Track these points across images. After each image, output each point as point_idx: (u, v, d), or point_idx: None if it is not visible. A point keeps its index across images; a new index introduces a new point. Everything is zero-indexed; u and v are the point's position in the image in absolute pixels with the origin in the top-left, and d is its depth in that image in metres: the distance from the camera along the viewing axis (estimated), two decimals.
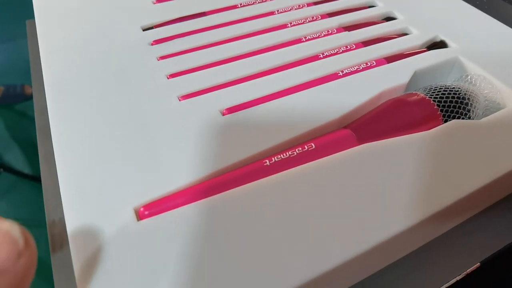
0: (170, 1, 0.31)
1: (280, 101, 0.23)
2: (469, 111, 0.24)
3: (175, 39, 0.27)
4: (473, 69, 0.27)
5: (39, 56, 0.26)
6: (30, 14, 0.31)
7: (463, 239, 0.21)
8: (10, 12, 1.38)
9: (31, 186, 1.00)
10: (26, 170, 1.01)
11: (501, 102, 0.25)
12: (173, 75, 0.25)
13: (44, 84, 0.24)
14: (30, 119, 1.17)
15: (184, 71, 0.25)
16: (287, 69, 0.25)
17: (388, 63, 0.26)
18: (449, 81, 0.28)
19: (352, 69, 0.25)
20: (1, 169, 0.97)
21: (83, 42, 0.27)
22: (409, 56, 0.27)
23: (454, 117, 0.24)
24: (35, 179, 0.98)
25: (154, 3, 0.31)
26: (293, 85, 0.24)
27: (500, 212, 0.22)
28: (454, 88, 0.25)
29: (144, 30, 0.28)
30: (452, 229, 0.21)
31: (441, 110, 0.24)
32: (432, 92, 0.24)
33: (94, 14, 0.30)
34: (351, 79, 0.25)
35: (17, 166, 1.02)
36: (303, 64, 0.26)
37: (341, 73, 0.25)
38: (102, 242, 0.16)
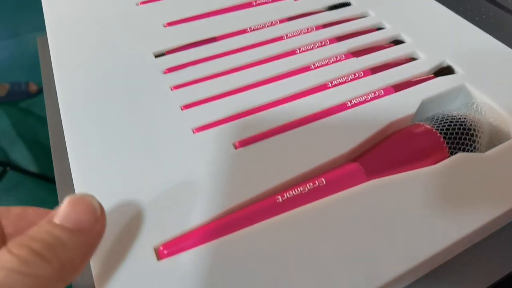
0: (180, 24, 0.32)
1: (290, 133, 0.24)
2: (474, 141, 0.25)
3: (188, 67, 0.28)
4: (479, 96, 0.27)
5: (52, 74, 0.27)
6: (32, 11, 0.31)
7: (467, 267, 0.21)
8: (13, 7, 1.38)
9: (37, 184, 1.02)
10: (32, 167, 1.03)
11: (506, 130, 0.26)
12: (186, 106, 0.25)
13: (60, 107, 0.25)
14: (35, 116, 1.18)
15: (197, 101, 0.26)
16: (297, 99, 0.26)
17: (396, 91, 0.27)
18: (455, 107, 0.28)
19: (361, 99, 0.26)
20: (8, 167, 0.98)
21: (96, 66, 0.28)
22: (416, 84, 0.27)
23: (460, 148, 0.25)
24: (42, 177, 0.99)
25: (165, 26, 0.31)
26: (303, 116, 0.25)
27: (505, 239, 0.23)
28: (460, 118, 0.25)
29: (156, 56, 0.29)
30: (456, 256, 0.22)
31: (447, 142, 0.24)
32: (439, 124, 0.25)
33: (106, 35, 0.30)
34: (360, 110, 0.25)
35: (23, 164, 1.03)
36: (312, 94, 0.26)
37: (349, 104, 0.26)
38: (124, 282, 0.17)
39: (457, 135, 0.25)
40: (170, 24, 0.32)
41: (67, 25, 0.31)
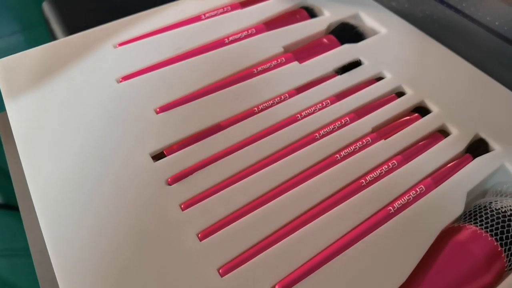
0: (174, 109, 0.27)
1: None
2: None
3: (195, 173, 0.23)
4: None
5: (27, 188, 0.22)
6: None
7: None
8: None
9: (3, 214, 0.94)
10: None
11: None
12: (204, 234, 0.21)
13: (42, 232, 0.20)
14: None
15: (215, 224, 0.21)
16: (317, 216, 0.22)
17: (435, 184, 0.24)
18: (493, 189, 0.25)
19: (403, 201, 0.23)
20: None
21: (82, 178, 0.23)
22: (456, 171, 0.24)
23: None
24: (7, 206, 0.92)
25: (158, 113, 0.26)
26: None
27: None
28: (511, 215, 0.23)
29: (153, 158, 0.24)
30: None
31: (504, 250, 0.22)
32: (490, 225, 0.22)
33: (89, 132, 0.25)
34: (405, 215, 0.22)
35: None
36: (346, 196, 0.23)
37: (392, 210, 0.22)
38: None
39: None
40: (163, 109, 0.27)
41: (38, 133, 0.25)
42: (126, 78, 0.28)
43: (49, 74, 0.29)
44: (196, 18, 0.32)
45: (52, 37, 0.51)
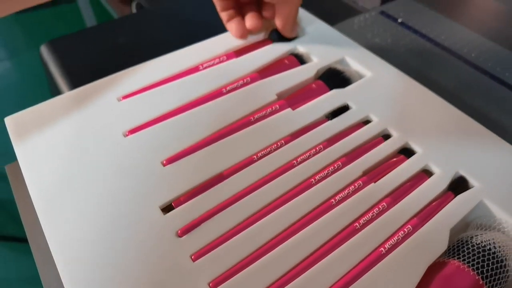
0: (179, 161, 0.29)
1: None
2: (508, 271, 0.25)
3: (203, 224, 0.25)
4: (498, 212, 0.27)
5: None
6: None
7: None
8: None
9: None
10: None
11: None
12: (215, 283, 0.23)
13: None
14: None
15: (225, 273, 0.23)
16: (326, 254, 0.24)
17: (421, 223, 0.26)
18: (474, 222, 0.28)
19: (393, 242, 0.25)
20: None
21: (94, 234, 0.24)
22: (440, 210, 0.27)
23: (494, 280, 0.24)
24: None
25: (164, 165, 0.28)
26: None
27: None
28: (490, 249, 0.25)
29: (163, 210, 0.26)
30: None
31: (486, 282, 0.24)
32: (472, 259, 0.25)
33: (99, 187, 0.27)
34: (396, 254, 0.24)
35: None
36: (342, 241, 0.25)
37: (383, 251, 0.25)
38: None
39: (492, 271, 0.25)
40: (169, 161, 0.29)
41: (52, 190, 0.27)
42: (132, 131, 0.30)
43: (57, 128, 0.31)
44: (195, 69, 0.35)
45: (50, 79, 0.53)
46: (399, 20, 0.51)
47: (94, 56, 0.51)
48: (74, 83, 0.47)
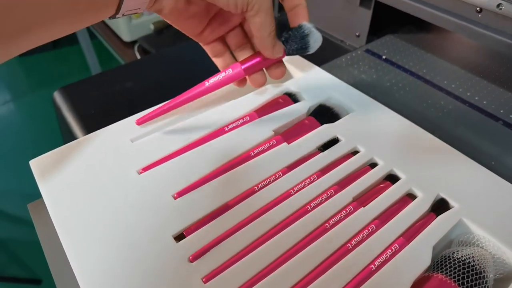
0: (189, 193, 0.32)
1: None
2: (487, 282, 0.28)
3: (212, 250, 0.29)
4: (476, 229, 0.30)
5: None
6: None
7: None
8: None
9: None
10: None
11: (507, 260, 0.29)
12: None
13: None
14: None
15: None
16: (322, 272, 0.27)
17: (405, 241, 0.29)
18: (456, 239, 0.31)
19: (382, 259, 0.28)
20: None
21: (115, 264, 0.27)
22: (423, 229, 0.30)
23: None
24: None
25: (175, 198, 0.32)
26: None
27: None
28: (469, 263, 0.28)
29: (176, 238, 0.29)
30: None
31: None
32: (454, 272, 0.28)
33: (118, 221, 0.30)
34: (384, 271, 0.27)
35: None
36: (335, 260, 0.28)
37: (374, 267, 0.28)
38: None
39: (472, 282, 0.27)
40: (179, 194, 0.32)
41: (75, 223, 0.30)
42: (145, 169, 0.34)
43: (77, 169, 0.34)
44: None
45: (62, 122, 0.57)
46: (384, 57, 0.56)
47: (105, 100, 0.55)
48: (86, 126, 0.51)
